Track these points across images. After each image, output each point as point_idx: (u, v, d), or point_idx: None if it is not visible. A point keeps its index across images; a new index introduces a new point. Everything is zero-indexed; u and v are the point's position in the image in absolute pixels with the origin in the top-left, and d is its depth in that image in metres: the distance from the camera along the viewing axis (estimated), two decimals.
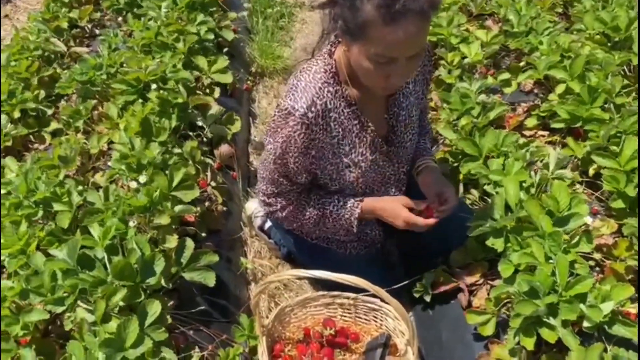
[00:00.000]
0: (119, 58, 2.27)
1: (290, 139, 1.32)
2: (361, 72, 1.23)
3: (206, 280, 1.49)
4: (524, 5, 2.28)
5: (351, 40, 1.18)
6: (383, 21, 1.08)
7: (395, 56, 1.14)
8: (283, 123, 1.32)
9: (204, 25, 2.38)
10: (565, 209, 1.35)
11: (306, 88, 1.29)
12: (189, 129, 2.00)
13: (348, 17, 1.14)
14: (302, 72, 1.33)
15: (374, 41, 1.12)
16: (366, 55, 1.16)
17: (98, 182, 1.80)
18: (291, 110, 1.29)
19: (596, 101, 1.73)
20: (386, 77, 1.20)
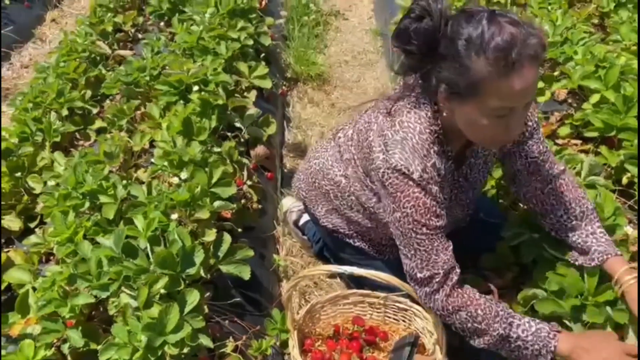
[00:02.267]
0: (161, 61, 2.36)
1: (418, 200, 1.24)
2: (475, 130, 1.20)
3: (242, 273, 1.55)
4: (559, 15, 2.29)
5: (460, 101, 1.16)
6: (500, 74, 1.07)
7: (514, 106, 1.12)
8: (403, 186, 1.24)
9: (244, 31, 2.46)
10: (610, 218, 1.36)
11: (415, 149, 1.23)
12: (227, 129, 2.07)
13: (456, 79, 1.13)
14: (404, 128, 1.26)
15: (491, 96, 1.10)
16: (483, 112, 1.13)
17: (140, 178, 1.88)
18: (407, 172, 1.23)
19: (631, 110, 1.74)
20: (505, 130, 1.16)
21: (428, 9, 1.15)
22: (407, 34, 1.17)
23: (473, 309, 1.25)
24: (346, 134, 1.56)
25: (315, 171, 1.69)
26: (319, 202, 1.74)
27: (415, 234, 1.26)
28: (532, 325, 1.20)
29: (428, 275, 1.27)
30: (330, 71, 3.10)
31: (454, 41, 1.12)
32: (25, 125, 2.09)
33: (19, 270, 1.55)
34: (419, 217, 1.24)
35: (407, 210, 1.25)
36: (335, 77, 3.08)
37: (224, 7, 2.65)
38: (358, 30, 3.58)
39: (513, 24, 1.09)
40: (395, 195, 1.25)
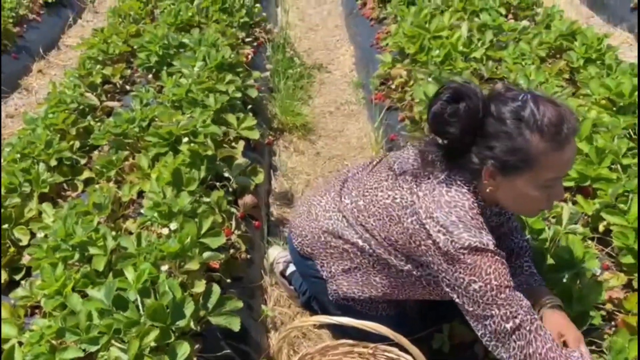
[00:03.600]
0: (150, 112, 2.41)
1: (497, 266, 1.26)
2: (522, 201, 1.28)
3: (231, 325, 1.55)
4: (533, 71, 2.42)
5: (511, 175, 1.24)
6: (555, 148, 1.19)
7: (561, 176, 1.25)
8: (482, 259, 1.26)
9: (232, 84, 2.54)
10: (579, 262, 1.42)
11: (475, 225, 1.27)
12: (215, 179, 2.10)
13: (508, 155, 1.21)
14: (454, 208, 1.29)
15: (546, 168, 1.20)
16: (535, 184, 1.23)
17: (129, 229, 1.89)
18: (481, 246, 1.25)
19: (604, 161, 1.83)
20: (548, 199, 1.27)
21: (463, 90, 1.24)
22: (443, 117, 1.25)
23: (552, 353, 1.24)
24: (355, 202, 1.54)
25: (329, 231, 1.62)
26: (334, 260, 1.65)
27: (500, 294, 1.25)
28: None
29: (518, 323, 1.25)
30: (315, 121, 3.19)
31: (503, 121, 1.22)
32: (13, 176, 2.10)
33: (4, 324, 1.53)
34: (502, 279, 1.25)
35: (490, 276, 1.25)
36: (320, 127, 3.16)
37: (212, 61, 2.74)
38: (340, 83, 3.70)
39: (554, 103, 1.23)
40: (475, 268, 1.25)
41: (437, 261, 1.32)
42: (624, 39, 3.82)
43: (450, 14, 3.04)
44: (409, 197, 1.36)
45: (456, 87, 1.25)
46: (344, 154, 2.93)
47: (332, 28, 4.64)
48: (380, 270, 1.55)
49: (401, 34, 3.01)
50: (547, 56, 2.72)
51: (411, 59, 2.85)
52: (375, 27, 3.89)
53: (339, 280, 1.67)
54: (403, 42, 2.94)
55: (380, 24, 3.87)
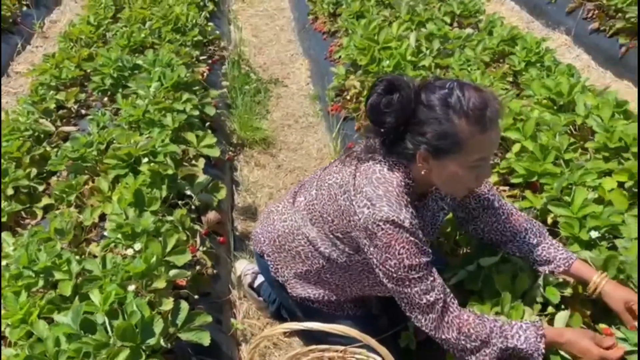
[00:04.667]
0: (108, 135, 2.41)
1: (411, 244, 1.34)
2: (453, 182, 1.37)
3: (201, 339, 1.57)
4: (478, 75, 2.54)
5: (442, 158, 1.32)
6: (481, 131, 1.28)
7: (487, 156, 1.35)
8: (396, 234, 1.33)
9: (189, 102, 2.56)
10: None
11: (399, 200, 1.35)
12: (177, 198, 2.12)
13: (439, 140, 1.29)
14: (384, 183, 1.37)
15: (473, 150, 1.29)
16: (464, 165, 1.32)
17: (93, 252, 1.89)
18: (397, 221, 1.32)
19: (548, 157, 1.94)
20: (477, 178, 1.37)
21: (395, 82, 1.32)
22: (379, 108, 1.33)
23: (472, 328, 1.35)
24: (309, 195, 1.61)
25: (284, 234, 1.68)
26: (287, 265, 1.72)
27: (414, 273, 1.35)
28: (520, 335, 1.34)
29: (432, 300, 1.36)
30: (274, 135, 3.23)
31: (433, 108, 1.30)
32: None
33: None
34: (414, 259, 1.34)
35: (403, 255, 1.34)
36: (280, 140, 3.21)
37: (167, 80, 2.76)
38: (297, 96, 3.76)
39: (479, 89, 1.31)
40: (389, 244, 1.34)
41: (361, 237, 1.41)
42: (563, 41, 4.03)
43: (398, 25, 3.15)
44: (348, 177, 1.45)
45: (389, 80, 1.33)
46: (305, 165, 2.99)
47: (286, 43, 4.71)
48: (330, 267, 1.61)
49: (352, 46, 3.10)
50: (491, 61, 2.85)
51: (363, 70, 2.94)
52: (327, 41, 3.98)
53: (292, 284, 1.73)
54: (355, 54, 3.02)
55: (332, 37, 3.95)
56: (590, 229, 1.65)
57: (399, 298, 1.42)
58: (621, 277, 1.49)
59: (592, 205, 1.70)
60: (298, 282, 1.73)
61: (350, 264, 1.58)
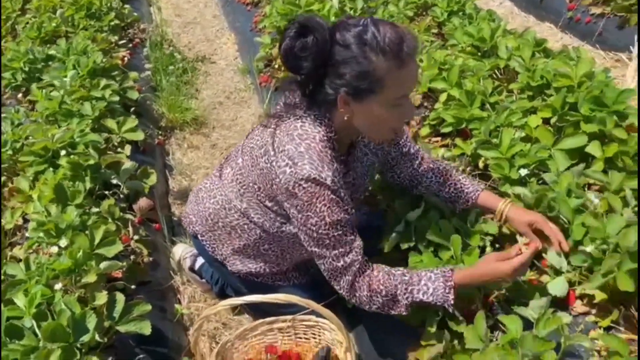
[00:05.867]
0: (23, 132, 2.26)
1: (332, 202, 1.31)
2: (377, 124, 1.32)
3: (142, 329, 1.51)
4: None
5: (363, 100, 1.27)
6: (398, 66, 1.22)
7: (407, 93, 1.30)
8: (318, 192, 1.30)
9: (108, 88, 2.43)
10: None
11: (321, 157, 1.31)
12: (104, 188, 2.02)
13: (358, 80, 1.24)
14: (305, 140, 1.33)
15: (392, 87, 1.24)
16: (385, 104, 1.27)
17: (17, 255, 1.78)
18: (319, 179, 1.29)
19: (474, 103, 1.94)
20: (399, 118, 1.33)
21: (308, 24, 1.25)
22: (294, 52, 1.26)
23: (381, 285, 1.37)
24: (235, 164, 1.56)
25: (215, 210, 1.63)
26: (224, 243, 1.68)
27: (334, 231, 1.33)
28: (429, 286, 1.34)
29: (349, 262, 1.36)
30: (205, 114, 3.13)
31: (349, 47, 1.24)
32: None
33: None
34: (335, 217, 1.32)
35: (324, 213, 1.31)
36: (212, 119, 3.11)
37: (83, 68, 2.60)
38: (227, 72, 3.65)
39: (393, 25, 1.27)
40: (311, 202, 1.31)
41: (284, 199, 1.37)
42: None
43: None
44: (267, 137, 1.39)
45: (302, 22, 1.26)
46: (240, 141, 2.90)
47: (211, 19, 4.55)
48: (267, 238, 1.57)
49: (275, 13, 3.02)
50: (415, 15, 2.84)
51: None
52: (252, 12, 3.87)
53: (232, 261, 1.69)
54: (278, 20, 2.94)
55: (256, 8, 3.85)
56: (520, 167, 1.67)
57: (320, 262, 1.40)
58: (551, 215, 1.50)
59: (520, 144, 1.72)
60: (237, 258, 1.69)
61: (283, 235, 1.54)
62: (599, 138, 1.66)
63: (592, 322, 1.33)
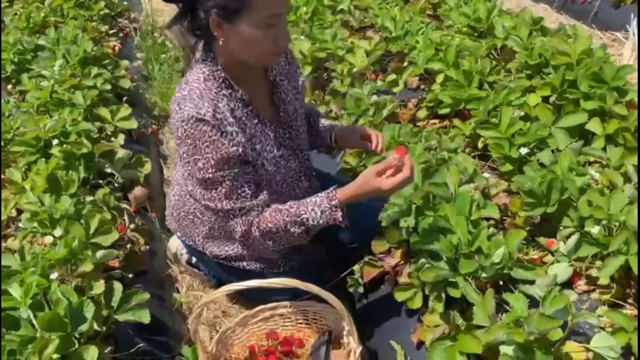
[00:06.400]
0: (14, 123, 2.22)
1: (216, 142, 1.30)
2: (251, 46, 1.28)
3: (141, 318, 1.49)
4: (397, 12, 2.48)
5: (233, 20, 1.24)
6: None
7: (280, 12, 1.26)
8: (199, 132, 1.29)
9: (100, 77, 2.39)
10: (472, 174, 1.50)
11: (203, 95, 1.30)
12: (98, 177, 1.99)
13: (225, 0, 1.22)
14: (190, 82, 1.34)
15: (260, 6, 1.22)
16: (255, 25, 1.24)
17: (12, 247, 1.75)
18: (198, 116, 1.28)
19: (472, 83, 1.92)
20: (275, 41, 1.28)
21: None
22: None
23: (269, 222, 1.39)
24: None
25: (176, 202, 1.65)
26: (193, 231, 1.68)
27: (222, 171, 1.33)
28: (316, 211, 1.37)
29: (238, 207, 1.38)
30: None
31: None
32: None
33: None
34: (221, 157, 1.31)
35: (209, 154, 1.31)
36: None
37: (73, 57, 2.56)
38: None
39: None
40: (195, 144, 1.30)
41: (179, 151, 1.37)
42: None
43: None
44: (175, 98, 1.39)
45: None
46: None
47: None
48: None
49: None
50: None
51: None
52: None
53: (208, 247, 1.68)
54: None
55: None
56: (520, 146, 1.65)
57: (212, 208, 1.40)
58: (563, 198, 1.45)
59: (519, 122, 1.70)
60: (211, 243, 1.68)
61: None
62: (599, 115, 1.64)
63: (595, 299, 1.31)
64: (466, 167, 1.54)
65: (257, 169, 1.45)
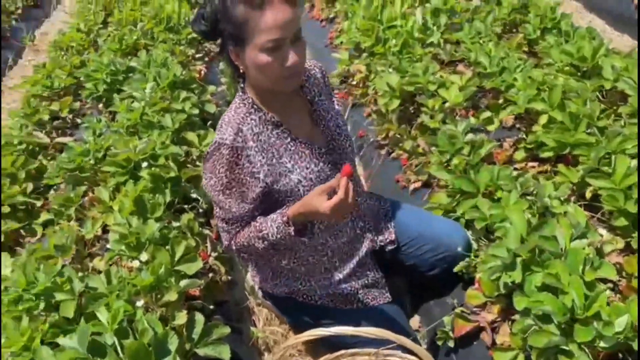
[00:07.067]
0: (105, 142, 2.28)
1: (231, 164, 1.39)
2: (262, 70, 1.33)
3: (221, 354, 1.44)
4: (492, 47, 2.38)
5: (242, 47, 1.33)
6: (255, 11, 1.27)
7: (280, 37, 1.28)
8: (218, 155, 1.39)
9: (188, 101, 2.42)
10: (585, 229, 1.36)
11: (230, 121, 1.40)
12: (183, 202, 1.99)
13: (231, 29, 1.31)
14: (224, 114, 1.46)
15: (259, 32, 1.28)
16: (259, 49, 1.29)
17: (97, 267, 1.76)
18: (220, 141, 1.38)
19: (580, 126, 1.78)
20: (283, 64, 1.31)
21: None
22: (197, 18, 1.40)
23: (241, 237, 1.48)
24: None
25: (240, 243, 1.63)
26: (261, 267, 1.70)
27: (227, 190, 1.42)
28: (273, 226, 1.41)
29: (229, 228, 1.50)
30: None
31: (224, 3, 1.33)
32: None
33: None
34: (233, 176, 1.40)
35: (222, 174, 1.40)
36: None
37: (163, 80, 2.62)
38: None
39: None
40: (213, 165, 1.41)
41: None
42: (573, 8, 3.85)
43: (401, 2, 3.00)
44: None
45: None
46: None
47: None
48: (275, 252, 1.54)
49: (354, 29, 2.95)
50: (503, 32, 2.70)
51: (368, 52, 2.79)
52: (326, 28, 3.83)
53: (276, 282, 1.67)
54: (358, 37, 2.87)
55: (331, 24, 3.81)
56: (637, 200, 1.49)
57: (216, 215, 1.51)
58: None
59: (636, 174, 1.55)
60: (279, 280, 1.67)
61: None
62: None
63: None
64: (579, 221, 1.40)
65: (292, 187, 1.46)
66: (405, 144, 2.21)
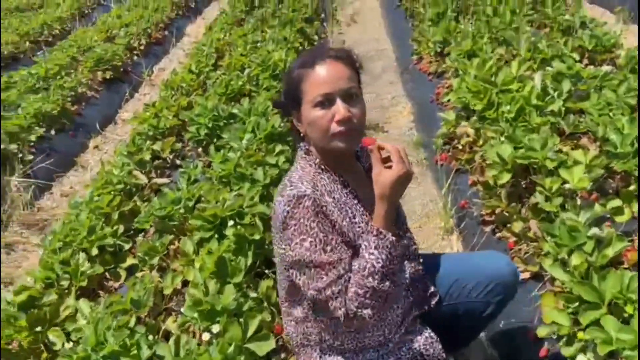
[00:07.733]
0: (197, 191, 2.26)
1: (318, 214, 1.29)
2: (314, 127, 1.32)
3: None
4: (625, 122, 2.09)
5: (299, 108, 1.34)
6: (307, 70, 1.32)
7: (329, 91, 1.29)
8: (301, 210, 1.28)
9: (282, 155, 2.35)
10: None
11: (302, 178, 1.34)
12: (265, 265, 1.89)
13: (290, 91, 1.36)
14: (291, 175, 1.37)
15: (310, 89, 1.31)
16: (311, 106, 1.31)
17: (169, 328, 1.69)
18: (299, 194, 1.29)
19: None
20: (333, 119, 1.29)
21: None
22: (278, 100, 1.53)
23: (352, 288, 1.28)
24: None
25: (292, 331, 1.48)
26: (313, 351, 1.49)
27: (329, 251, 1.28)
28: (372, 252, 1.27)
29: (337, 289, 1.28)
30: None
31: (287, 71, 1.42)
32: (50, 270, 1.96)
33: None
34: (328, 232, 1.29)
35: (315, 228, 1.27)
36: None
37: (261, 131, 2.59)
38: (398, 143, 3.43)
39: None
40: (299, 223, 1.28)
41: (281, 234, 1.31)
42: None
43: (518, 64, 2.77)
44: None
45: None
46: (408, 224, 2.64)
47: (387, 84, 4.45)
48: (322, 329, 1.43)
49: (464, 88, 2.76)
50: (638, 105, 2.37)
51: (478, 115, 2.58)
52: (434, 82, 3.67)
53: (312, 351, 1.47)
54: (468, 97, 2.68)
55: (439, 79, 3.65)
56: None
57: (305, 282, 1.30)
58: None
59: None
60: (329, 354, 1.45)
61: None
62: None
63: None
64: None
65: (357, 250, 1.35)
66: (515, 226, 1.97)
